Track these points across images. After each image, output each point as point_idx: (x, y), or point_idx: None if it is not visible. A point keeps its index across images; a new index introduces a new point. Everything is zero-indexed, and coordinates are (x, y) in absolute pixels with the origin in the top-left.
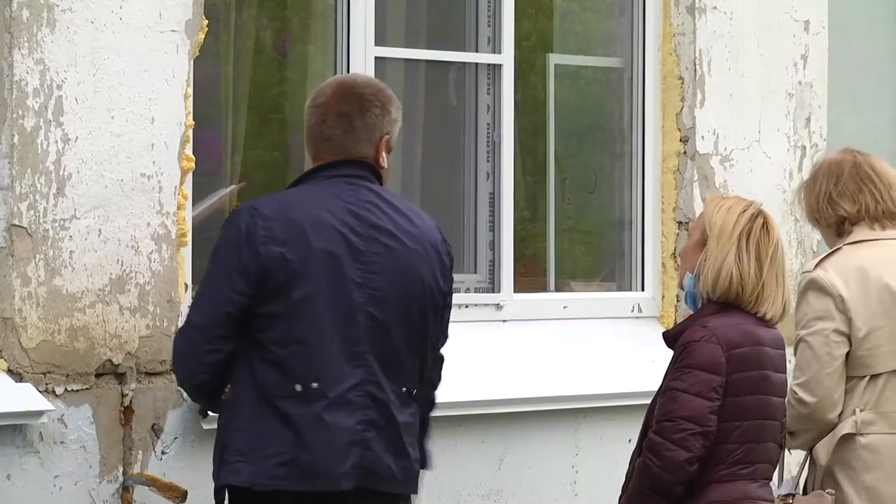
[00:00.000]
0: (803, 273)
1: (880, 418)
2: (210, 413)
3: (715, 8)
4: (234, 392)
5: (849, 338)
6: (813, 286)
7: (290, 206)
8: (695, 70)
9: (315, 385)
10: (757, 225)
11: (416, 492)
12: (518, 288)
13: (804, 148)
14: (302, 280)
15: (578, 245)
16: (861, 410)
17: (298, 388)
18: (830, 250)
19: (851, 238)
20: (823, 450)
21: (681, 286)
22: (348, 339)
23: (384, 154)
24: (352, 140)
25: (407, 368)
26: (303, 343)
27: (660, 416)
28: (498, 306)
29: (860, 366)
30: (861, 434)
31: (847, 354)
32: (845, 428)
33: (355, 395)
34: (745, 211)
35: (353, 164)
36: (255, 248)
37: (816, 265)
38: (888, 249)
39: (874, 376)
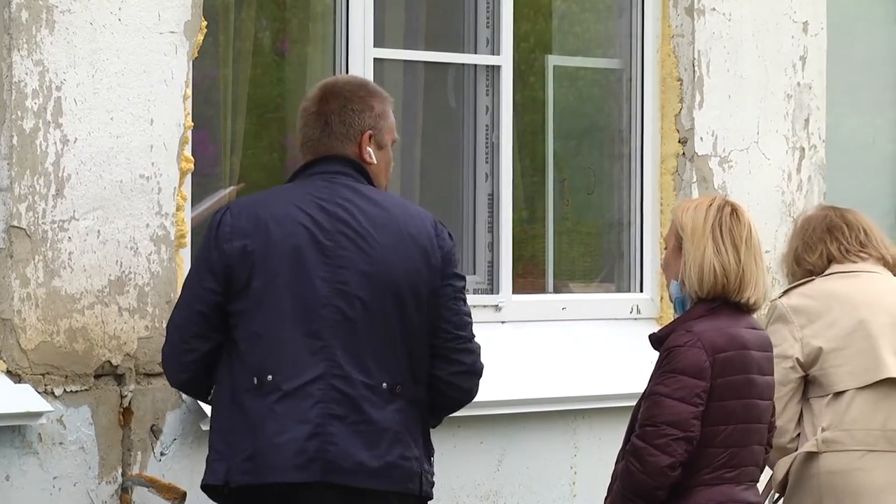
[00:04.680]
0: (771, 302)
1: (845, 436)
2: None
3: (713, 9)
4: (215, 391)
5: (804, 364)
6: (776, 317)
7: (258, 203)
8: (693, 71)
9: (270, 378)
10: (726, 214)
11: (420, 492)
12: (517, 289)
13: (803, 149)
14: (261, 272)
15: (577, 246)
16: (823, 430)
17: (255, 380)
18: (801, 280)
19: (827, 272)
20: (782, 467)
21: (671, 299)
22: (311, 332)
23: (369, 149)
24: (329, 139)
25: (388, 363)
26: (259, 336)
27: (643, 420)
28: (497, 307)
29: (819, 385)
30: (823, 452)
31: (805, 377)
32: (807, 447)
33: (317, 388)
34: (711, 205)
35: (333, 160)
36: (220, 245)
37: (783, 294)
38: (860, 280)
39: (836, 394)
